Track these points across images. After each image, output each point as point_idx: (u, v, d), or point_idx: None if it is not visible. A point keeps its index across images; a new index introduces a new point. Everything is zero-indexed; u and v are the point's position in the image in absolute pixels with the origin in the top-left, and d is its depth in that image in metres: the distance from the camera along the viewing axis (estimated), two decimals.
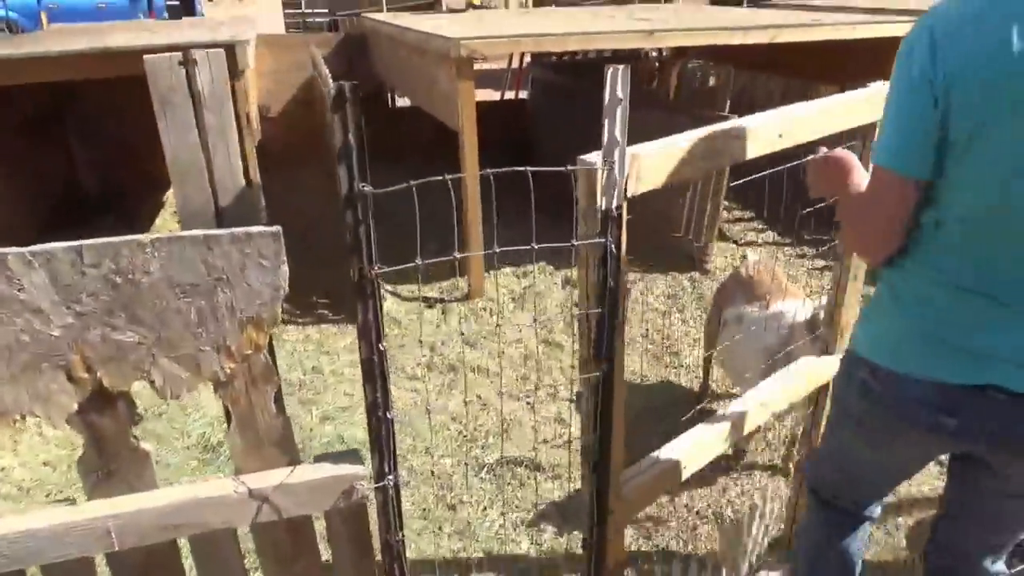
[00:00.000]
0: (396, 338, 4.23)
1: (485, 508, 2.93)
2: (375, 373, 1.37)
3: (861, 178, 1.53)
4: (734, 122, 1.54)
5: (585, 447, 1.63)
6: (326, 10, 14.10)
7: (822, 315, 2.37)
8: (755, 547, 2.44)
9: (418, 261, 1.30)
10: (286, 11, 14.48)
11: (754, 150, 1.55)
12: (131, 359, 1.26)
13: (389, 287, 4.72)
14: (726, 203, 5.42)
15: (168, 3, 7.27)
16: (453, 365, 4.00)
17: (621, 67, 1.32)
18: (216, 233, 1.21)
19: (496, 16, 7.12)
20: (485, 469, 3.17)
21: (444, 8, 11.00)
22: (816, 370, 2.23)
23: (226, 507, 1.38)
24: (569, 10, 7.50)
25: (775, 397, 2.11)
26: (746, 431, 2.07)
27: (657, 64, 7.39)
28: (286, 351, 4.15)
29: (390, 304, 4.54)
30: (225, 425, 1.49)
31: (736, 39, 4.52)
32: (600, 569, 1.73)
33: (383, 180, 1.21)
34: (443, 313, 4.57)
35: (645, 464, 1.78)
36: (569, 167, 1.41)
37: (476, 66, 4.06)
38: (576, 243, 1.41)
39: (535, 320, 4.43)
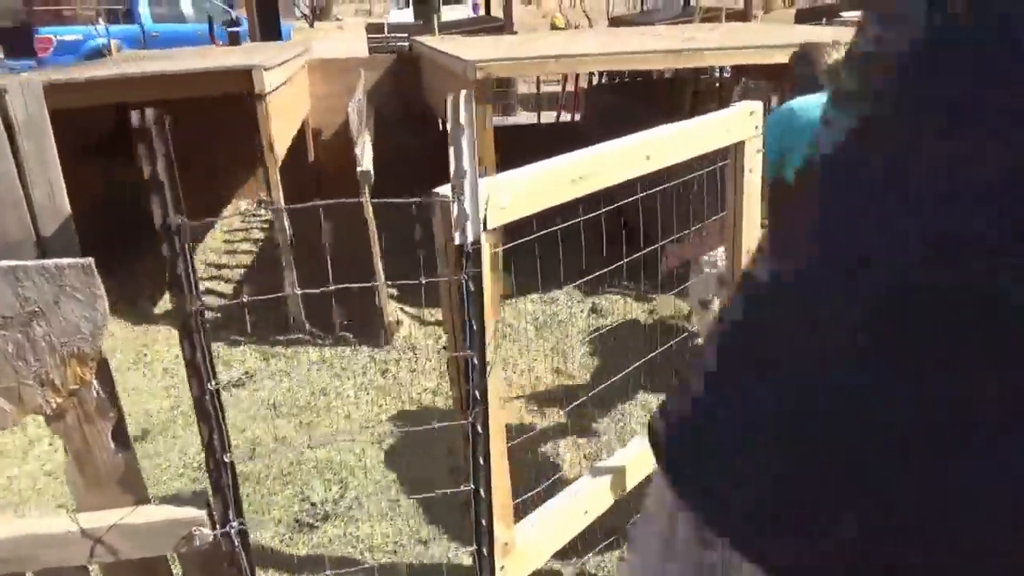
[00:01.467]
0: (407, 363, 4.18)
1: (458, 546, 2.81)
2: (209, 413, 1.30)
3: None
4: (600, 146, 1.42)
5: (467, 499, 1.51)
6: (406, 34, 14.42)
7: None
8: None
9: (244, 298, 1.22)
10: (370, 36, 14.92)
11: (626, 172, 1.42)
12: None
13: (411, 309, 4.69)
14: None
15: (230, 30, 7.58)
16: None
17: (464, 93, 1.21)
18: (24, 264, 1.17)
19: (543, 37, 7.06)
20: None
21: (515, 30, 11.02)
22: None
23: (60, 545, 1.33)
24: (627, 30, 7.36)
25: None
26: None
27: (717, 84, 7.14)
28: (298, 373, 4.17)
29: (407, 329, 4.50)
30: None
31: (775, 58, 4.27)
32: None
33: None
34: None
35: (540, 513, 1.65)
36: (422, 199, 1.32)
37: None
38: (424, 280, 1.30)
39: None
